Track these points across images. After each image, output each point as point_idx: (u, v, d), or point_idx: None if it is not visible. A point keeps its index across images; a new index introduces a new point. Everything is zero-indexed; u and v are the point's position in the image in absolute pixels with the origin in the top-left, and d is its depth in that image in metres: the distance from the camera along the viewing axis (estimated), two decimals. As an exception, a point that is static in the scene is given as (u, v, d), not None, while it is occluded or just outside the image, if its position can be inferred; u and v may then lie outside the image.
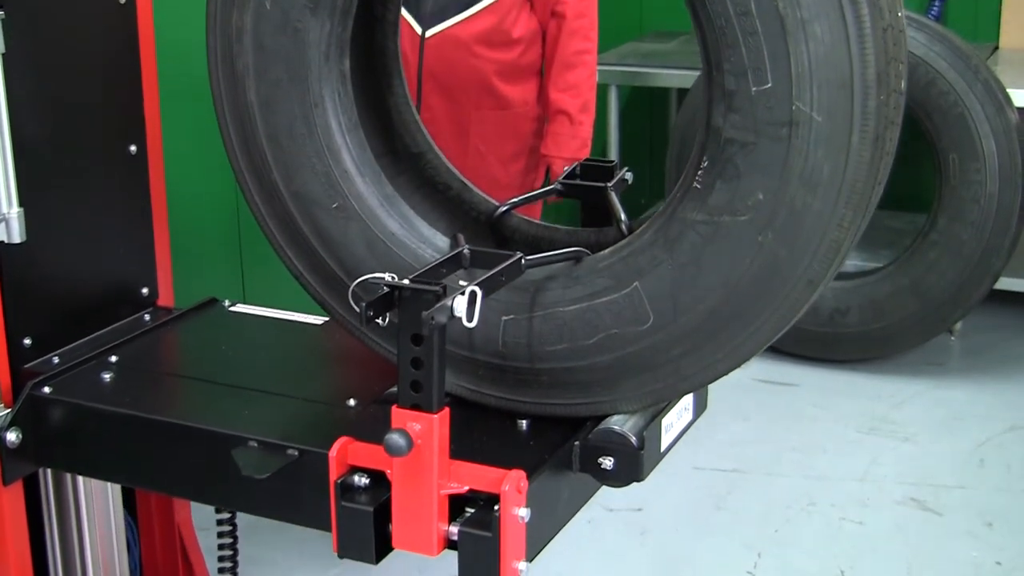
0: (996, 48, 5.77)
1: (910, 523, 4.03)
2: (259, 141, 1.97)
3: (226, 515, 2.54)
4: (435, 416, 1.73)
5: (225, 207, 4.61)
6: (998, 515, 4.05)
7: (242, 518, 2.55)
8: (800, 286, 1.74)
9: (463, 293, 1.69)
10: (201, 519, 2.64)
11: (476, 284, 1.71)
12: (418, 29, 3.61)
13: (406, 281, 1.73)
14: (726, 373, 1.87)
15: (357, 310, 1.74)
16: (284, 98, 1.94)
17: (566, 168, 2.24)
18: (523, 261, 1.84)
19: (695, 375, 1.85)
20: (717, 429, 4.64)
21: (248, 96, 1.96)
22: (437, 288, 1.70)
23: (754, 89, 1.64)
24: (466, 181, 2.19)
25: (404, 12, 3.53)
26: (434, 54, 3.64)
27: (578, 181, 2.16)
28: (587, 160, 2.22)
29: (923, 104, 4.75)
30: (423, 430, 1.73)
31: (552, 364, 1.88)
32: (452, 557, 1.82)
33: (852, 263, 5.36)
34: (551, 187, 2.20)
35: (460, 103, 3.69)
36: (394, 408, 1.74)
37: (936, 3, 5.77)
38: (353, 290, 1.88)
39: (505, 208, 2.15)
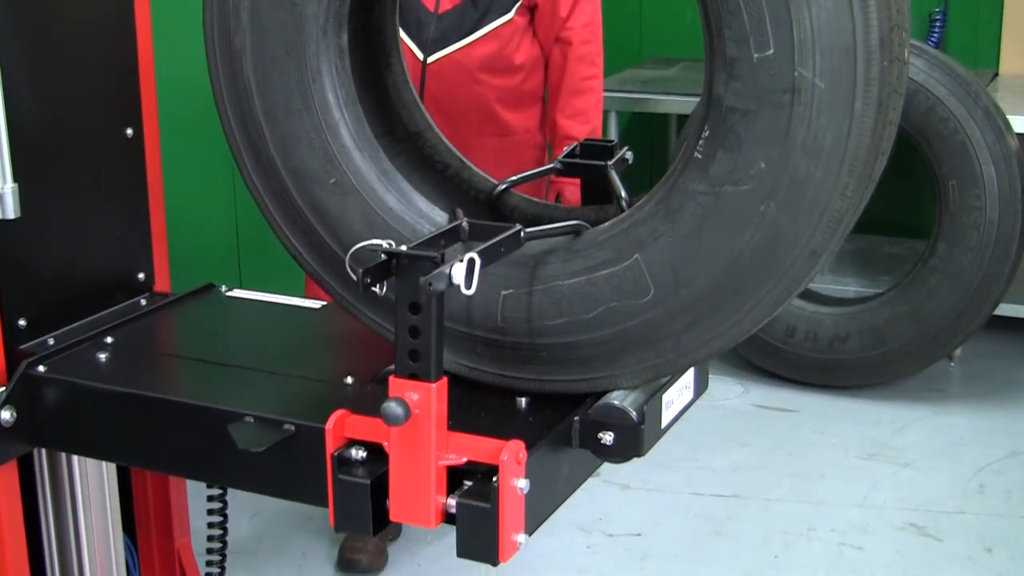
0: (996, 75, 5.80)
1: (910, 549, 4.02)
2: (256, 117, 1.96)
3: (217, 491, 2.52)
4: (433, 385, 1.71)
5: (221, 195, 4.63)
6: (998, 541, 4.04)
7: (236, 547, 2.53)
8: (803, 257, 1.73)
9: (461, 260, 1.68)
10: (201, 544, 2.63)
11: (475, 252, 1.70)
12: (420, 55, 3.56)
13: (404, 247, 1.72)
14: (728, 348, 1.85)
15: (354, 278, 1.72)
16: (281, 74, 1.93)
17: (566, 147, 2.23)
18: (522, 233, 1.82)
19: (696, 349, 1.84)
20: (716, 455, 4.63)
21: (245, 72, 1.95)
22: (435, 255, 1.69)
23: (756, 56, 1.63)
24: (465, 160, 2.18)
25: (405, 37, 3.50)
26: (436, 80, 3.61)
27: (578, 160, 2.15)
28: (587, 139, 2.21)
29: (923, 131, 4.77)
30: (421, 400, 1.71)
31: (551, 339, 1.87)
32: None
33: (852, 289, 5.39)
34: (551, 166, 2.19)
35: (461, 129, 3.65)
36: (391, 378, 1.72)
37: (936, 30, 5.80)
38: (350, 259, 1.87)
39: (504, 186, 2.14)
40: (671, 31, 6.27)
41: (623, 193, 2.04)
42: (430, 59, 3.56)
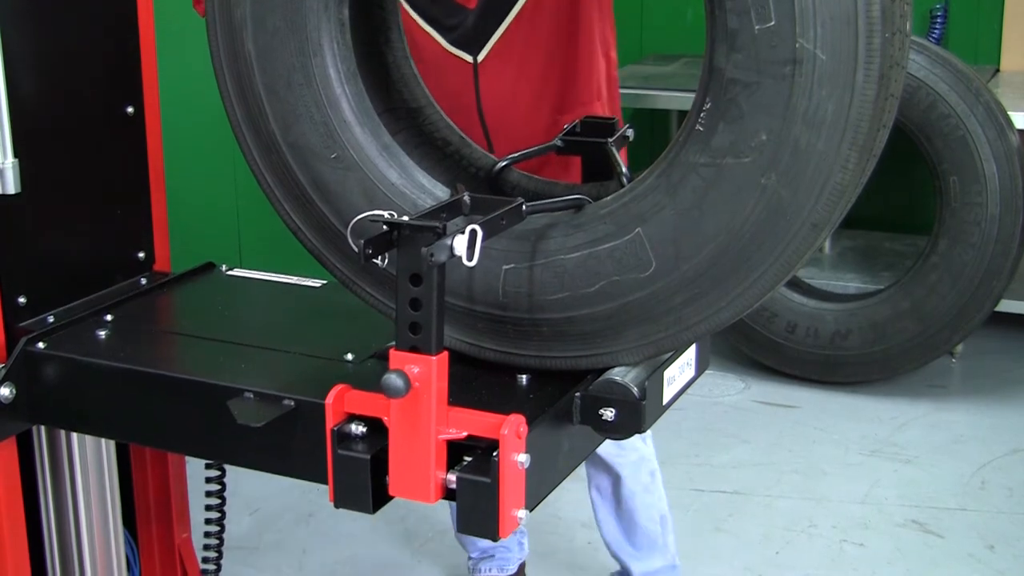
0: (997, 71, 5.82)
1: (911, 546, 4.02)
2: (256, 92, 1.95)
3: (215, 472, 2.52)
4: (434, 358, 1.70)
5: (222, 174, 4.63)
6: (1000, 538, 4.04)
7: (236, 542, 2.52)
8: (804, 230, 1.72)
9: (463, 232, 1.67)
10: (201, 540, 2.64)
11: (477, 224, 1.70)
12: (468, 57, 3.05)
13: (405, 218, 1.71)
14: (729, 322, 1.84)
15: (356, 250, 1.71)
16: (282, 47, 1.92)
17: (566, 126, 2.23)
18: (524, 207, 1.82)
19: (698, 324, 1.82)
20: (717, 451, 4.63)
21: (246, 46, 1.94)
22: (437, 225, 1.68)
23: (757, 27, 1.63)
24: (465, 136, 2.17)
25: (448, 45, 3.04)
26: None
27: (579, 137, 2.14)
28: (587, 116, 2.21)
29: (923, 127, 4.77)
30: (421, 373, 1.70)
31: (552, 314, 1.86)
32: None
33: (853, 285, 5.39)
34: (551, 143, 2.19)
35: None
36: (392, 351, 1.71)
37: (937, 26, 5.81)
38: (351, 231, 1.86)
39: (504, 163, 2.13)
40: (672, 27, 6.28)
41: (624, 170, 2.03)
42: (479, 59, 3.07)
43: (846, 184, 1.69)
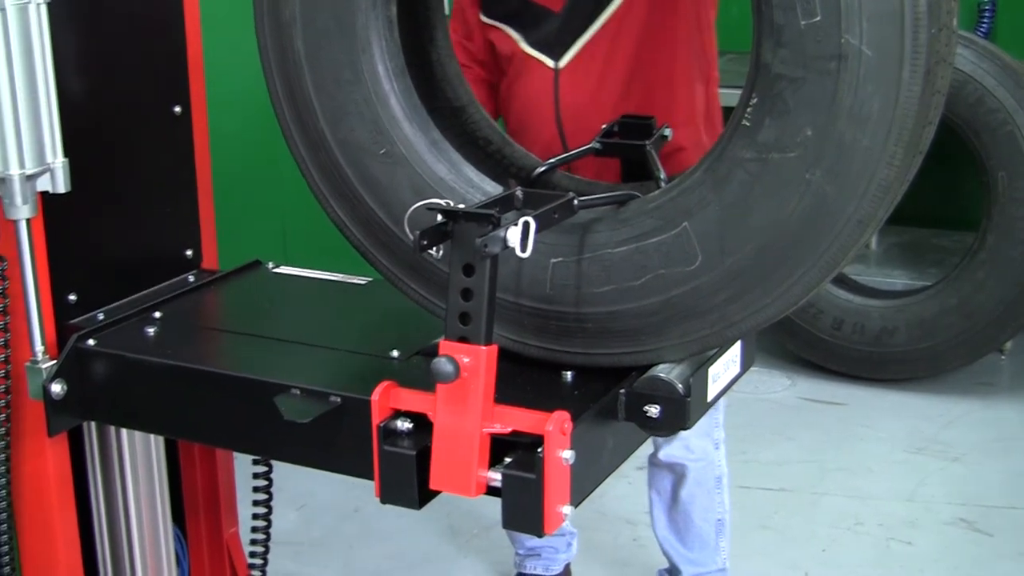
0: (1046, 65, 5.76)
1: (959, 544, 4.00)
2: (305, 90, 1.97)
3: (262, 468, 2.53)
4: (483, 349, 1.71)
5: (268, 173, 4.66)
6: (1049, 536, 3.99)
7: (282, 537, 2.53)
8: (850, 226, 1.71)
9: (516, 224, 1.68)
10: (248, 536, 2.65)
11: (530, 216, 1.70)
12: (549, 62, 2.91)
13: (462, 206, 1.72)
14: (774, 319, 1.84)
15: (410, 239, 1.72)
16: (331, 45, 1.94)
17: (602, 127, 2.23)
18: (576, 201, 1.83)
19: (742, 320, 1.82)
20: (763, 448, 4.62)
21: (295, 45, 1.96)
22: (492, 213, 1.69)
23: (803, 23, 1.63)
24: (506, 136, 2.18)
25: (530, 49, 2.92)
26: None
27: (617, 139, 2.15)
28: (625, 117, 2.21)
29: (971, 122, 4.74)
30: (471, 363, 1.70)
31: (598, 308, 1.86)
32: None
33: (900, 282, 5.36)
34: (590, 146, 2.19)
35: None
36: (441, 341, 1.72)
37: (985, 20, 5.76)
38: (408, 222, 1.87)
39: (544, 168, 2.15)
40: (717, 24, 6.25)
41: (662, 173, 2.04)
42: (560, 64, 2.91)
43: (891, 180, 1.68)
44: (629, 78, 2.84)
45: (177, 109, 2.45)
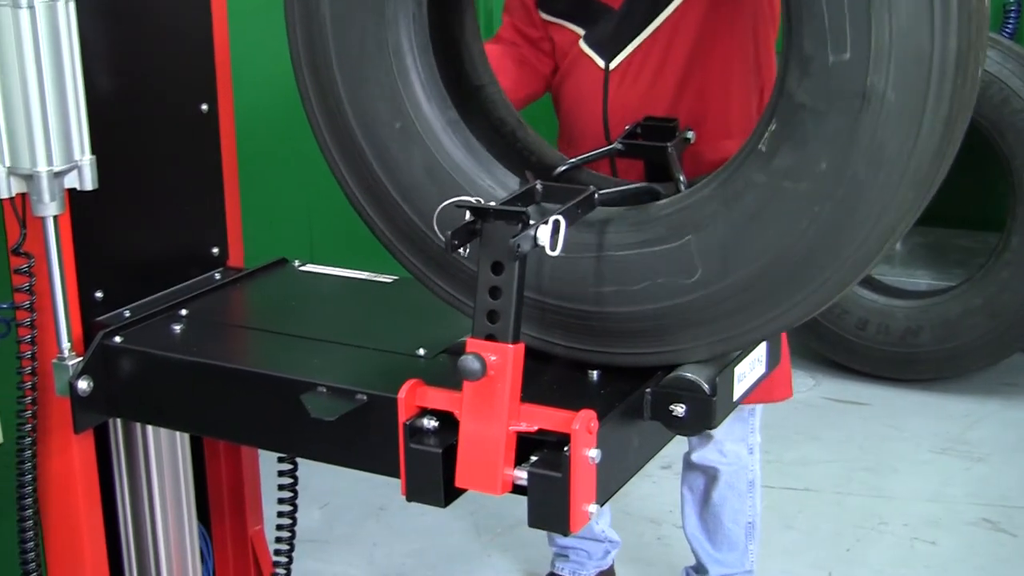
0: (1072, 66, 5.73)
1: (983, 544, 3.99)
2: (328, 57, 1.95)
3: (288, 466, 2.53)
4: (511, 347, 1.71)
5: (293, 172, 4.66)
6: (1073, 537, 3.98)
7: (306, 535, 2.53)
8: (851, 262, 1.71)
9: (546, 222, 1.68)
10: (274, 533, 2.65)
11: (559, 214, 1.70)
12: (600, 62, 2.85)
13: (493, 204, 1.73)
14: (772, 336, 1.85)
15: (443, 238, 1.73)
16: (358, 12, 1.92)
17: (627, 127, 2.23)
18: (596, 196, 1.82)
19: (739, 336, 1.83)
20: (787, 448, 4.61)
21: (321, 9, 1.94)
22: (524, 211, 1.69)
23: (832, 58, 1.61)
24: (521, 119, 2.18)
25: (584, 46, 2.88)
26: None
27: (639, 140, 2.14)
28: (648, 119, 2.21)
29: (996, 123, 4.73)
30: (498, 361, 1.71)
31: (609, 308, 1.86)
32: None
33: (924, 282, 5.34)
34: (611, 147, 2.19)
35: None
36: (469, 339, 1.73)
37: (1010, 21, 5.73)
38: (437, 219, 1.88)
39: (565, 167, 2.16)
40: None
41: (682, 176, 2.04)
42: (611, 66, 2.86)
43: (898, 221, 1.68)
44: (680, 85, 2.79)
45: (204, 107, 2.45)
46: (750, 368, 1.99)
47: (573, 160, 2.21)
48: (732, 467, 3.35)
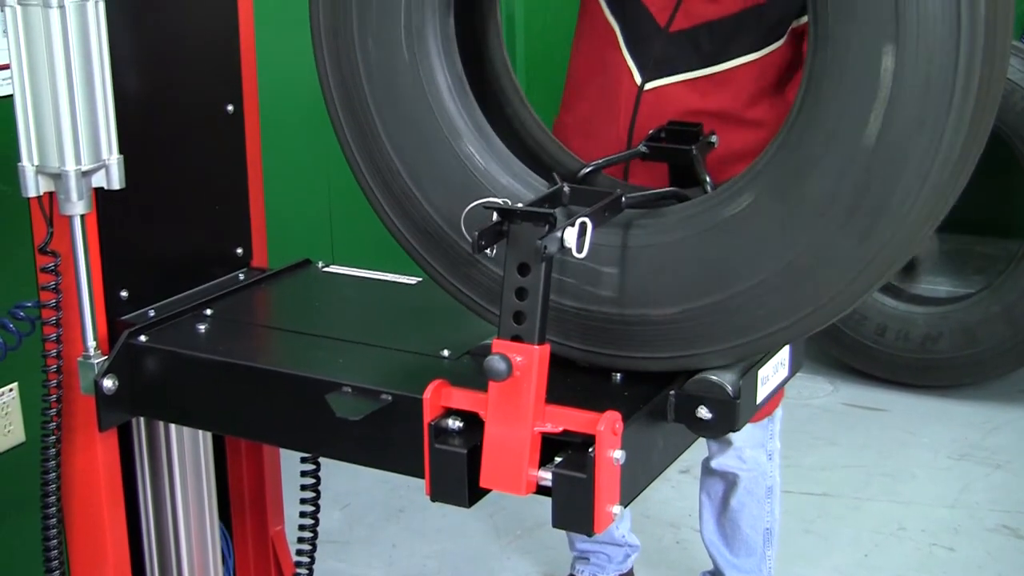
0: (1094, 73, 5.72)
1: (1002, 551, 3.99)
2: (352, 47, 1.93)
3: (310, 466, 2.53)
4: (536, 348, 1.71)
5: (317, 174, 4.67)
6: (1093, 544, 3.98)
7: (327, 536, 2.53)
8: (850, 289, 1.71)
9: (573, 224, 1.69)
10: (293, 534, 2.66)
11: (586, 216, 1.70)
12: (638, 77, 2.81)
13: (519, 205, 1.73)
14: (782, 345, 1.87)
15: (469, 239, 1.74)
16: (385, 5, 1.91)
17: (651, 131, 2.23)
18: (623, 198, 1.83)
19: (743, 344, 1.82)
20: (806, 453, 4.61)
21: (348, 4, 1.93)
22: (551, 212, 1.69)
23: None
24: (536, 116, 2.18)
25: (627, 55, 2.83)
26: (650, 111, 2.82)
27: (664, 144, 2.14)
28: (672, 123, 2.21)
29: (1018, 129, 4.73)
30: (523, 363, 1.71)
31: (634, 311, 1.86)
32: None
33: (944, 289, 5.35)
34: (635, 150, 2.19)
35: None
36: (495, 340, 1.73)
37: (1033, 28, 5.73)
38: (465, 220, 1.88)
39: (588, 170, 2.16)
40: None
41: (707, 178, 2.04)
42: (648, 85, 2.82)
43: (899, 255, 1.69)
44: (711, 117, 2.66)
45: (230, 108, 2.46)
46: (773, 371, 1.99)
47: (597, 161, 2.21)
48: (751, 473, 3.35)
